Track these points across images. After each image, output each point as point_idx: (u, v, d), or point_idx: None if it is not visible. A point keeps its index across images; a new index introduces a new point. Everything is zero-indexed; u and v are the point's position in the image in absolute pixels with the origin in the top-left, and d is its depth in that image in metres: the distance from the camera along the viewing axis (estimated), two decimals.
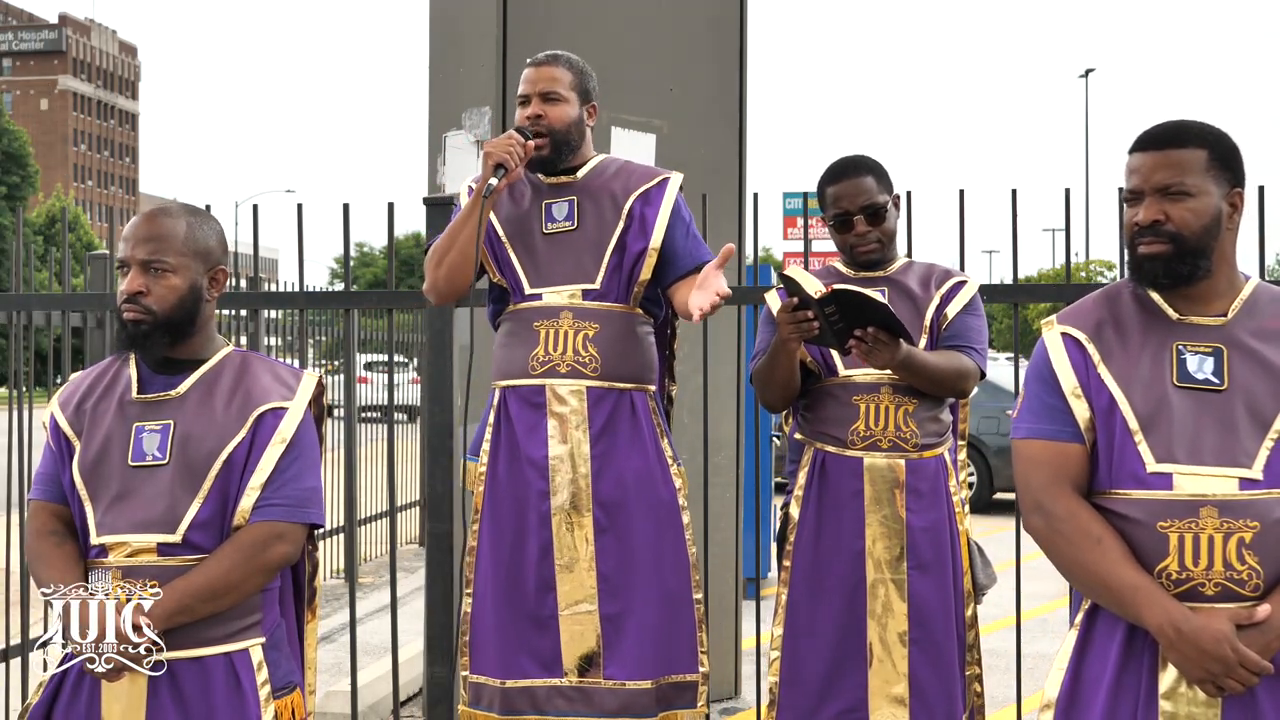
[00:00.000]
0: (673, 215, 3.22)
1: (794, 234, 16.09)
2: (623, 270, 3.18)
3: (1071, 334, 2.35)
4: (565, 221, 3.21)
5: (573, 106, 3.22)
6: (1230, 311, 2.31)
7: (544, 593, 3.13)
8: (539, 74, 3.23)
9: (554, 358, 3.13)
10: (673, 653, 3.16)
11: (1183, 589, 2.19)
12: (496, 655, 3.15)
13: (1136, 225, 2.28)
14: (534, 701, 3.13)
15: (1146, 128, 2.35)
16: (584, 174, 3.27)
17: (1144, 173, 2.28)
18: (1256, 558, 2.17)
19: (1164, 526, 2.19)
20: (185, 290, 2.59)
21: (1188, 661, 2.16)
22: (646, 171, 3.31)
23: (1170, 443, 2.22)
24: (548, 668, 3.13)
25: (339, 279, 51.54)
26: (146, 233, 2.59)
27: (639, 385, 3.19)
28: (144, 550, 2.50)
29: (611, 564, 3.13)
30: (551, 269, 3.19)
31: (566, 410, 3.12)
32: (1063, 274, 7.61)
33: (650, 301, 3.26)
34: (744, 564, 5.70)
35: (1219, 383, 2.25)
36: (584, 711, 3.11)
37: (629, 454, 3.14)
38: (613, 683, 3.12)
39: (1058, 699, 2.31)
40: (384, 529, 9.47)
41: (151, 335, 2.57)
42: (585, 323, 3.14)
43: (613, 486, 3.13)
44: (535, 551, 3.13)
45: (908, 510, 3.20)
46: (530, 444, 3.14)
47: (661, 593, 3.15)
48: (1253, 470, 2.19)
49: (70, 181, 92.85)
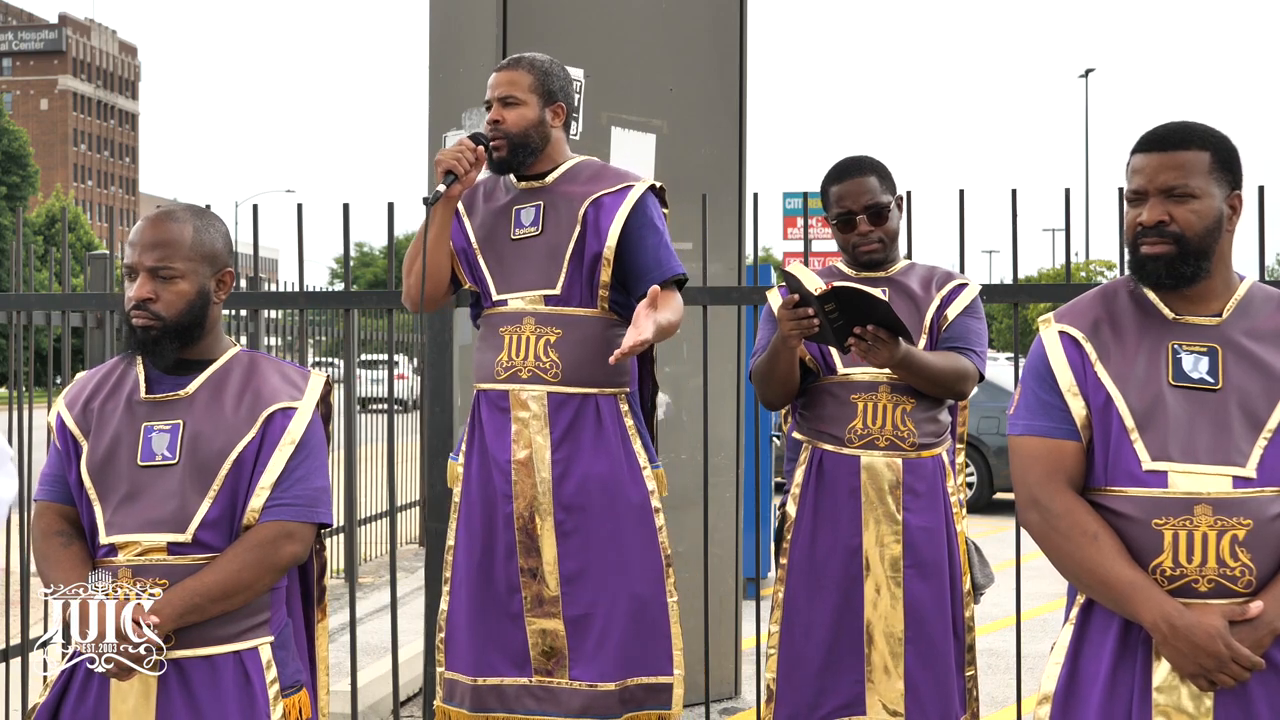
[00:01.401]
0: (634, 223, 3.19)
1: (794, 234, 16.11)
2: (583, 275, 3.19)
3: (1068, 332, 2.36)
4: (531, 227, 3.23)
5: (531, 109, 3.23)
6: (1225, 311, 2.33)
7: (511, 593, 3.18)
8: (498, 79, 3.26)
9: (516, 363, 3.17)
10: (641, 655, 3.18)
11: (1176, 585, 2.22)
12: (468, 653, 3.20)
13: (1140, 225, 2.29)
14: (503, 699, 3.17)
15: (1150, 128, 2.36)
16: (553, 178, 3.28)
17: (1148, 173, 2.29)
18: (1249, 555, 2.19)
19: (1158, 524, 2.22)
20: (194, 295, 2.60)
21: (1181, 657, 2.18)
22: (615, 176, 3.29)
23: (1165, 441, 2.24)
24: (518, 666, 3.17)
25: (339, 279, 51.58)
26: (154, 238, 2.59)
27: (607, 390, 3.19)
28: (154, 550, 2.50)
29: (574, 566, 3.15)
30: (516, 274, 3.22)
31: (528, 415, 3.15)
32: (1063, 274, 7.61)
33: (621, 306, 3.24)
34: (744, 564, 5.70)
35: (1214, 382, 2.27)
36: (552, 711, 3.15)
37: (593, 458, 3.16)
38: (577, 683, 3.16)
39: (1054, 693, 2.33)
40: (384, 529, 9.47)
41: (161, 341, 2.58)
42: (547, 328, 3.16)
43: (575, 490, 3.15)
44: (503, 552, 3.18)
45: (905, 510, 3.21)
46: (497, 447, 3.18)
47: (628, 595, 3.17)
48: (1246, 469, 2.21)
49: (70, 181, 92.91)
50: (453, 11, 5.21)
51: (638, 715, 3.20)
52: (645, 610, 3.18)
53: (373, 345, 9.93)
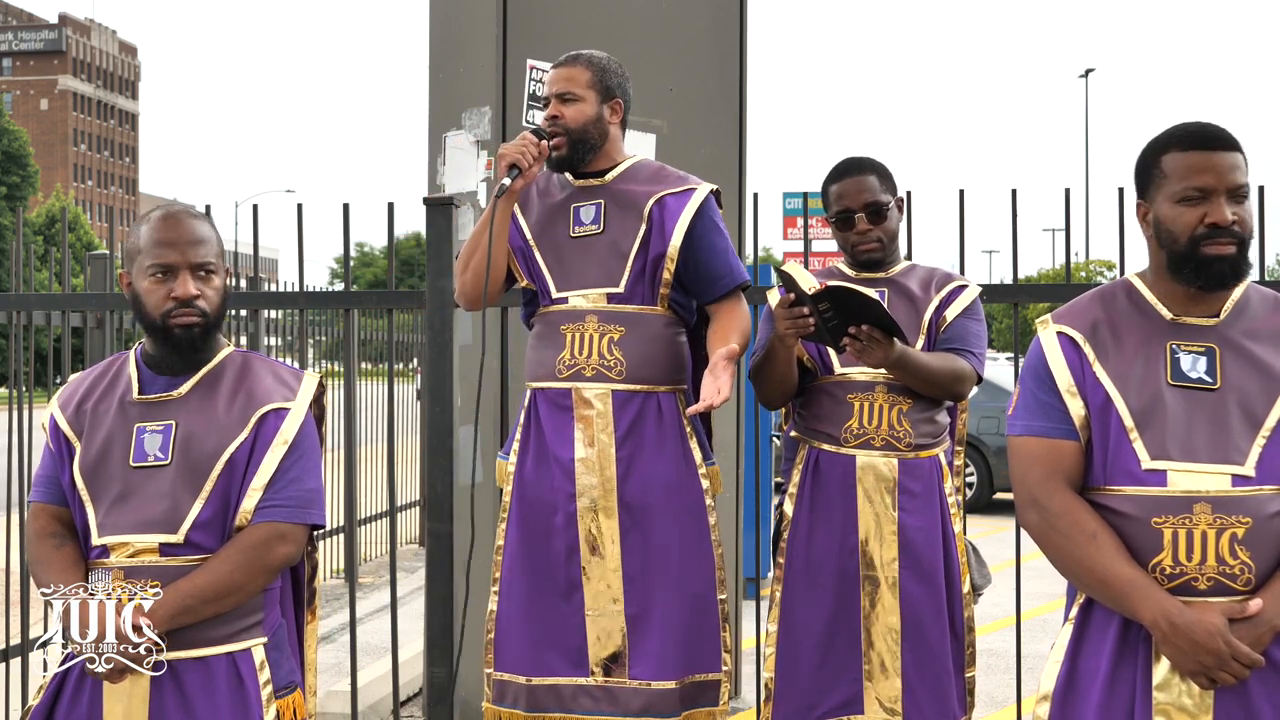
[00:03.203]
0: (699, 226, 3.19)
1: (794, 234, 16.10)
2: (646, 274, 3.18)
3: (1066, 333, 2.37)
4: (592, 225, 3.22)
5: (590, 105, 3.22)
6: (1223, 312, 2.34)
7: (571, 592, 3.15)
8: (555, 75, 3.25)
9: (580, 361, 3.15)
10: (697, 652, 3.17)
11: (1176, 584, 2.22)
12: (523, 653, 3.16)
13: (1212, 225, 2.26)
14: (560, 699, 3.14)
15: (1184, 125, 2.33)
16: (613, 176, 3.26)
17: (1219, 172, 2.27)
18: (1248, 552, 2.20)
19: (1158, 522, 2.23)
20: (224, 291, 2.62)
21: (1181, 655, 2.19)
22: (676, 178, 3.28)
23: (1164, 440, 2.25)
24: (575, 665, 3.15)
25: (339, 279, 51.55)
26: (191, 235, 2.58)
27: (668, 387, 3.19)
28: (146, 550, 2.50)
29: (637, 565, 3.14)
30: (578, 272, 3.20)
31: (592, 413, 3.14)
32: (1063, 274, 7.60)
33: (680, 306, 3.24)
34: (744, 564, 5.70)
35: (1212, 381, 2.28)
36: (609, 710, 3.13)
37: (655, 456, 3.15)
38: (638, 682, 3.13)
39: (1054, 692, 2.34)
40: (384, 529, 9.47)
41: (203, 338, 2.59)
42: (611, 326, 3.15)
43: (638, 488, 3.14)
44: (562, 551, 3.15)
45: (901, 510, 3.21)
46: (558, 445, 3.16)
47: (686, 593, 3.16)
48: (1245, 467, 2.22)
49: (70, 181, 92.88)
50: (453, 11, 5.21)
51: (692, 714, 3.18)
52: (703, 607, 3.18)
53: (373, 345, 9.93)
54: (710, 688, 3.19)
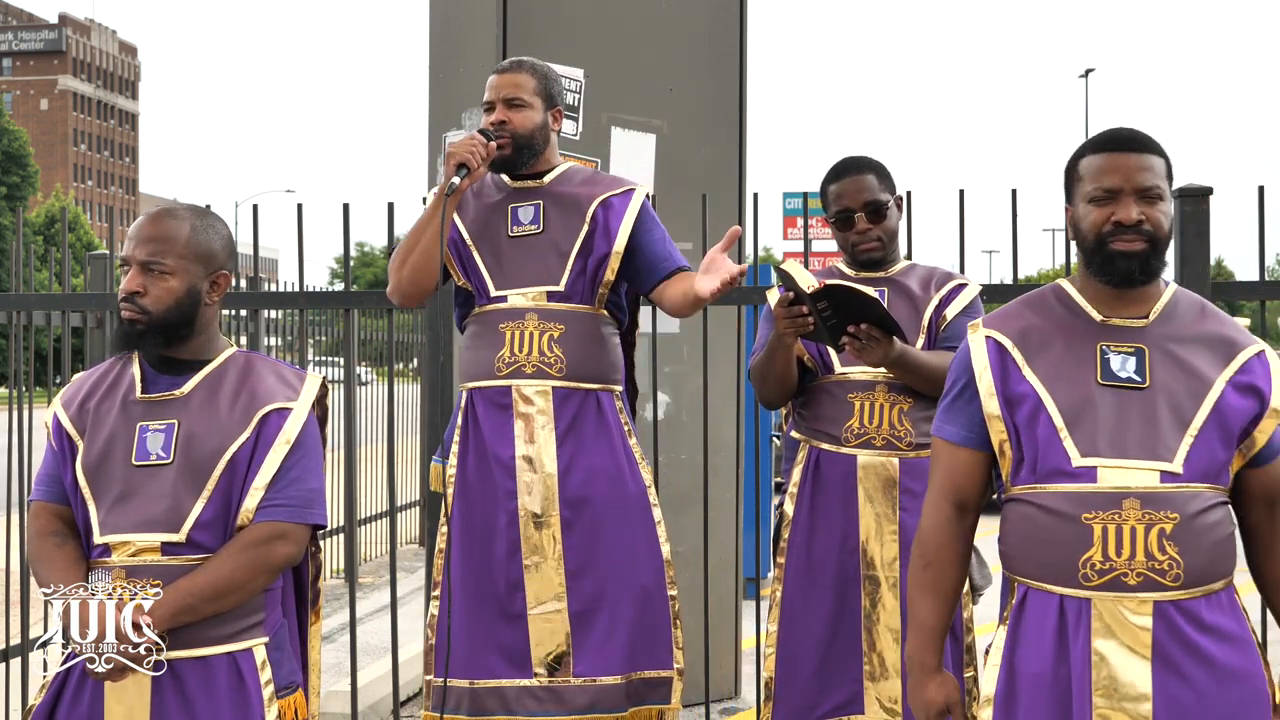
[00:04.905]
0: (641, 223, 3.27)
1: (794, 234, 16.13)
2: (587, 273, 3.22)
3: (994, 337, 2.43)
4: (531, 225, 3.26)
5: (537, 112, 3.28)
6: (1152, 314, 2.40)
7: (512, 592, 3.16)
8: (503, 80, 3.29)
9: (520, 359, 3.17)
10: (646, 648, 3.19)
11: (1106, 579, 2.26)
12: (464, 656, 3.16)
13: (1116, 223, 2.34)
14: (504, 701, 3.15)
15: (1102, 133, 2.44)
16: (550, 179, 3.32)
17: (1125, 172, 2.35)
18: (1176, 548, 2.25)
19: (1088, 518, 2.27)
20: (182, 293, 2.59)
21: (914, 698, 2.48)
22: (613, 181, 3.38)
23: (1095, 437, 2.30)
24: (518, 666, 3.16)
25: (339, 279, 51.58)
26: (149, 233, 2.60)
27: (605, 385, 3.23)
28: (148, 550, 2.50)
29: (579, 561, 3.15)
30: (517, 271, 3.23)
31: (533, 410, 3.16)
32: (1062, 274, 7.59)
33: (615, 307, 3.31)
34: (744, 564, 5.70)
35: (1141, 381, 2.34)
36: (554, 710, 3.14)
37: (595, 452, 3.18)
38: (582, 679, 3.15)
39: (995, 695, 2.37)
40: (384, 529, 9.47)
41: (145, 335, 2.59)
42: (551, 324, 3.18)
43: (580, 484, 3.16)
44: (504, 551, 3.16)
45: (902, 509, 3.21)
46: (497, 444, 3.17)
47: (633, 588, 3.18)
48: (1173, 464, 2.28)
49: (70, 181, 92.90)
50: (453, 12, 5.21)
51: (639, 710, 3.19)
52: (650, 603, 3.19)
53: (373, 345, 9.93)
54: (660, 685, 3.20)
